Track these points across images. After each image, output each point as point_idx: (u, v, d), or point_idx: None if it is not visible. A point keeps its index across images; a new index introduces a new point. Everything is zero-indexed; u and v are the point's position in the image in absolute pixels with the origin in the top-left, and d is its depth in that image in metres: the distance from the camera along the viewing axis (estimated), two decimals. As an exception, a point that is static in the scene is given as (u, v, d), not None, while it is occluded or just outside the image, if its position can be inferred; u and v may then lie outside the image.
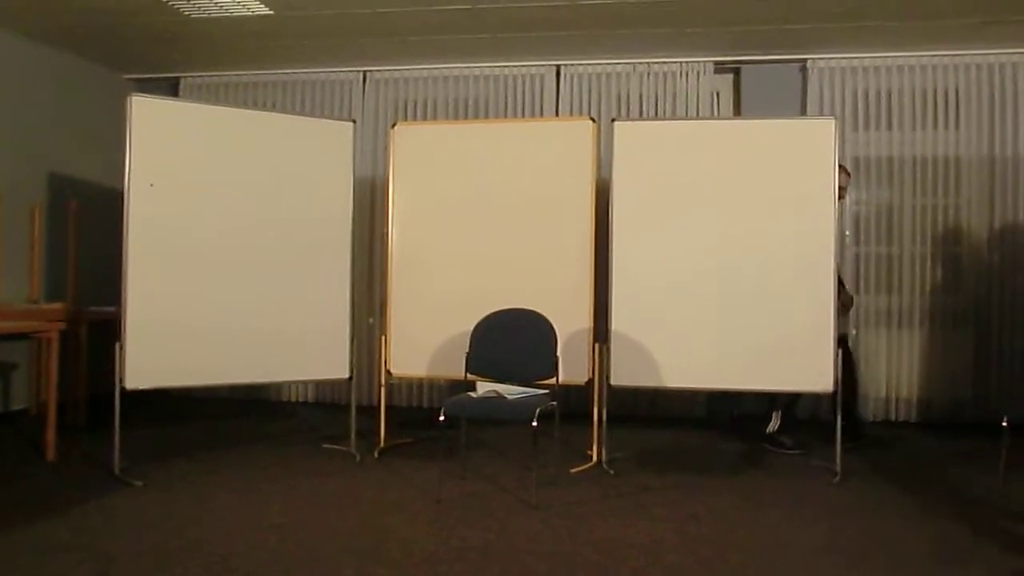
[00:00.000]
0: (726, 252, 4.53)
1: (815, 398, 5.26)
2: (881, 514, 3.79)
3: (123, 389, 4.17)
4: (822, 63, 6.07)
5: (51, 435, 4.55)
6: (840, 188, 4.95)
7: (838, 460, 4.41)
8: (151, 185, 4.27)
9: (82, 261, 6.01)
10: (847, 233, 5.95)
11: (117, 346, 4.17)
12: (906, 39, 5.69)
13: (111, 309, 5.18)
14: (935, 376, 5.91)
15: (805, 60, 6.11)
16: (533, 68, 6.41)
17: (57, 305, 5.46)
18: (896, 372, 5.98)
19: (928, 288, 5.96)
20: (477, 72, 6.48)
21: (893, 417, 5.96)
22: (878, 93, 6.05)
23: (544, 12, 5.21)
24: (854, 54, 5.98)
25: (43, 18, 5.44)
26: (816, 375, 4.41)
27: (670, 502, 3.95)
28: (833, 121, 4.49)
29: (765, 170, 4.52)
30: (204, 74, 6.84)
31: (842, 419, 4.58)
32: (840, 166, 4.82)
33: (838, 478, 4.35)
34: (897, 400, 5.98)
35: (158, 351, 4.28)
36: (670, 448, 5.20)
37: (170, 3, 5.09)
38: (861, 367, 5.93)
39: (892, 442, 5.36)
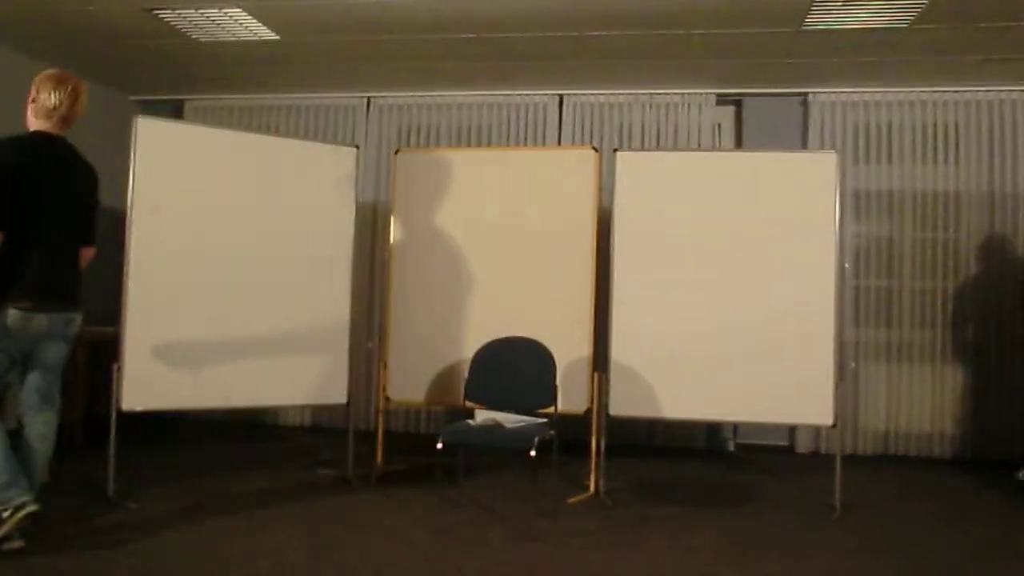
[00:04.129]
0: (726, 283, 4.54)
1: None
2: (879, 552, 3.76)
3: (120, 410, 4.15)
4: (823, 97, 6.11)
5: (46, 456, 4.52)
6: None
7: (837, 495, 4.38)
8: (156, 207, 4.27)
9: (83, 281, 6.00)
10: (847, 266, 5.96)
11: (115, 367, 4.15)
12: (907, 74, 5.74)
13: (110, 330, 5.16)
14: (935, 411, 5.89)
15: (806, 94, 6.15)
16: (536, 97, 6.45)
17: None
18: (895, 406, 5.96)
19: (928, 322, 5.96)
20: (480, 100, 6.53)
21: (892, 451, 5.93)
22: (878, 127, 6.09)
23: (547, 42, 5.25)
24: (855, 88, 6.03)
25: (51, 39, 5.48)
26: (816, 408, 4.40)
27: (668, 534, 3.92)
28: (835, 155, 4.51)
29: (766, 202, 4.54)
30: (209, 97, 6.88)
31: None
32: None
33: (837, 513, 4.32)
34: (896, 435, 5.95)
35: (156, 373, 4.26)
36: (669, 479, 5.17)
37: (180, 28, 5.13)
38: (861, 401, 5.93)
39: (892, 477, 5.33)
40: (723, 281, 4.54)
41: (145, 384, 4.22)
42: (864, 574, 3.45)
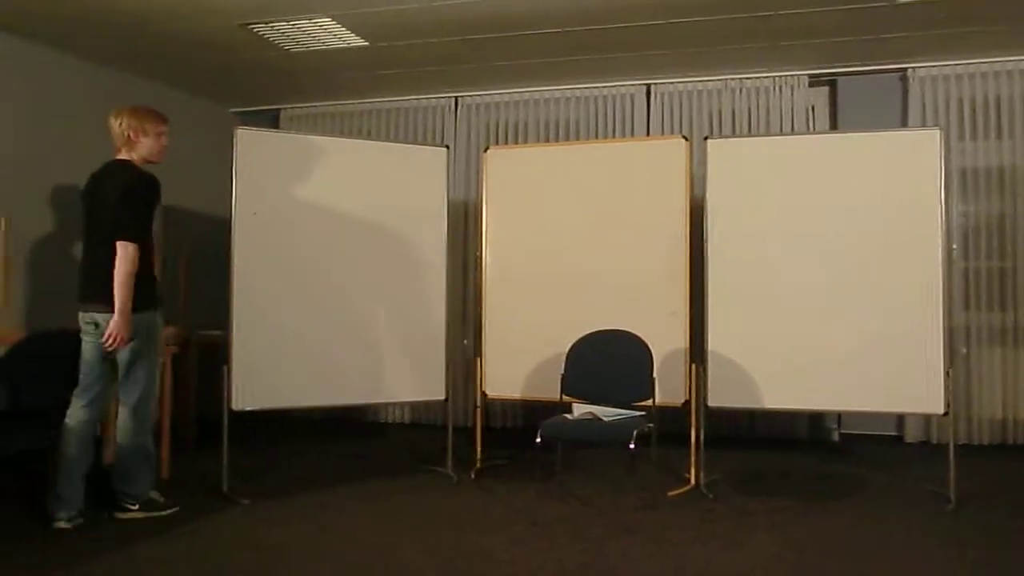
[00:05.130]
0: (826, 268, 4.41)
1: None
2: (1000, 546, 3.59)
3: (231, 410, 4.33)
4: (923, 71, 5.85)
5: (165, 454, 4.75)
6: None
7: (952, 486, 4.21)
8: (254, 214, 4.44)
9: (193, 287, 6.29)
10: (954, 247, 5.70)
11: (224, 368, 4.34)
12: (1015, 42, 5.43)
13: (219, 333, 5.39)
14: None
15: (905, 69, 5.90)
16: (623, 88, 6.39)
17: (170, 330, 5.69)
18: (1012, 393, 5.66)
19: (1046, 303, 5.64)
20: (568, 94, 6.51)
21: (1011, 440, 5.65)
22: (985, 100, 5.78)
23: (633, 31, 5.20)
24: (958, 60, 5.75)
25: (156, 57, 5.75)
26: (926, 396, 4.23)
27: (771, 528, 3.84)
28: (938, 131, 4.33)
29: (866, 184, 4.39)
30: (302, 105, 7.09)
31: None
32: None
33: (952, 505, 4.15)
34: (1015, 423, 5.66)
35: (263, 373, 4.43)
36: (771, 471, 5.06)
37: (273, 40, 5.31)
38: (974, 388, 5.67)
39: (1010, 467, 5.09)
40: (823, 267, 4.42)
41: (253, 384, 4.40)
42: (980, 569, 3.30)
